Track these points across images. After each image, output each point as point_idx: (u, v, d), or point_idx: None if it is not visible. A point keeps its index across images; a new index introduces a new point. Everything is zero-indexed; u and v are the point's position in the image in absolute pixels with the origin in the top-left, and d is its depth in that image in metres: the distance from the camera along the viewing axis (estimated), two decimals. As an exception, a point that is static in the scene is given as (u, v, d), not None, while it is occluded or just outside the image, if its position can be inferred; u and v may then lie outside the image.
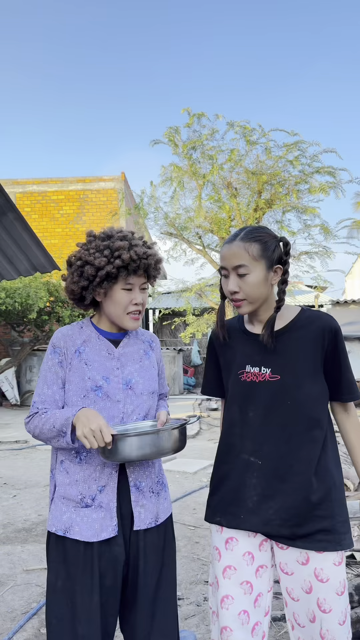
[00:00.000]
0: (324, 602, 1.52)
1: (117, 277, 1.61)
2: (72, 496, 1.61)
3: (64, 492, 1.62)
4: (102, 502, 1.60)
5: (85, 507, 1.60)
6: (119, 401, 1.64)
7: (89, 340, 1.69)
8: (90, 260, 1.61)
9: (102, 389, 1.63)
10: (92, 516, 1.58)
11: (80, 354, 1.65)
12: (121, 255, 1.59)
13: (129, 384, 1.67)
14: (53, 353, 1.68)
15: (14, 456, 6.96)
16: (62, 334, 1.69)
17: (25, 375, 12.16)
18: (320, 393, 1.57)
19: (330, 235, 10.06)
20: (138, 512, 1.64)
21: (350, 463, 5.41)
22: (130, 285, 1.63)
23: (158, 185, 10.45)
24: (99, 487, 1.60)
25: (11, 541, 3.88)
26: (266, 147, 9.80)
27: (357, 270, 23.98)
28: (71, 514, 1.60)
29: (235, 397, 1.64)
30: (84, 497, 1.60)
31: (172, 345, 16.71)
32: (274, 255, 1.57)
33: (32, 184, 14.82)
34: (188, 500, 4.86)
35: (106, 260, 1.60)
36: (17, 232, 4.08)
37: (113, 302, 1.64)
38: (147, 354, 1.77)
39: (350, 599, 2.52)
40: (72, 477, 1.62)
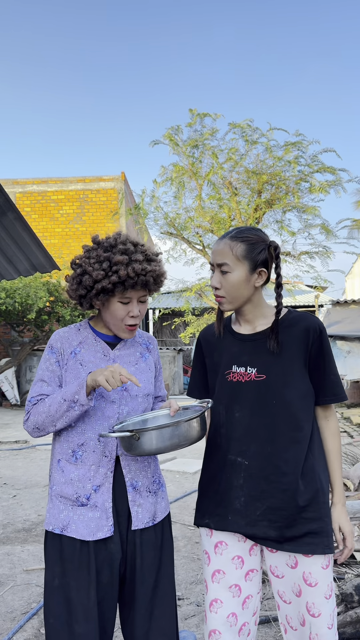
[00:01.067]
0: (313, 606, 1.52)
1: (114, 291, 1.60)
2: (67, 495, 1.61)
3: (60, 491, 1.63)
4: (97, 502, 1.60)
5: (81, 506, 1.60)
6: (114, 402, 1.65)
7: (85, 341, 1.69)
8: (89, 271, 1.60)
9: (97, 390, 1.62)
10: (88, 515, 1.59)
11: (75, 355, 1.66)
12: (118, 271, 1.56)
13: (123, 386, 1.67)
14: (50, 353, 1.69)
15: (14, 456, 6.96)
16: (59, 336, 1.70)
17: (25, 375, 12.16)
18: (306, 393, 1.57)
19: (331, 235, 10.06)
20: (135, 511, 1.64)
21: (350, 463, 5.41)
22: (127, 299, 1.62)
23: (159, 185, 10.45)
24: (93, 486, 1.61)
25: (11, 541, 3.88)
26: (266, 146, 9.80)
27: (357, 270, 23.98)
28: (68, 512, 1.61)
29: (221, 397, 1.63)
30: (79, 496, 1.60)
31: (172, 345, 16.71)
32: (259, 257, 1.56)
33: (32, 184, 14.83)
34: (188, 500, 4.86)
35: (103, 274, 1.57)
36: (17, 232, 4.08)
37: (110, 313, 1.64)
38: (143, 357, 1.78)
39: (350, 599, 2.52)
40: (67, 475, 1.62)
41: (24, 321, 11.50)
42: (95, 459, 1.61)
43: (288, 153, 9.66)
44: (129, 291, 1.61)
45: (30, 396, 1.67)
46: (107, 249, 1.62)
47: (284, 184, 9.72)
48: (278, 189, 9.85)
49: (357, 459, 5.45)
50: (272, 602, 2.83)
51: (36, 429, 1.63)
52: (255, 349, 1.60)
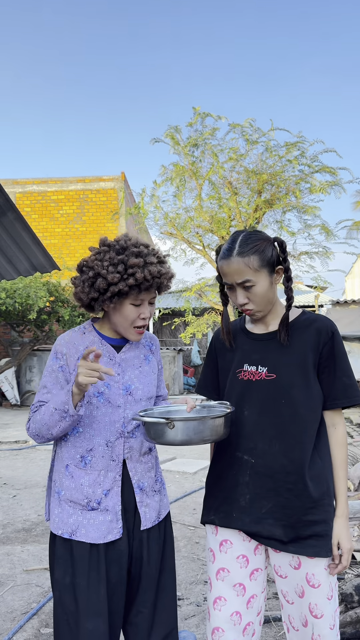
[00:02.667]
0: (316, 607, 1.52)
1: (128, 294, 1.60)
2: (78, 500, 1.62)
3: (69, 496, 1.64)
4: (108, 506, 1.62)
5: (92, 510, 1.62)
6: (120, 406, 1.66)
7: (91, 346, 1.68)
8: (103, 274, 1.58)
9: (104, 395, 1.64)
10: (98, 519, 1.61)
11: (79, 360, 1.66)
12: (135, 273, 1.56)
13: (128, 390, 1.69)
14: (55, 359, 1.68)
15: (14, 456, 6.96)
16: (65, 341, 1.69)
17: (25, 375, 12.16)
18: (315, 395, 1.57)
19: (331, 235, 10.06)
20: (143, 511, 1.67)
21: (350, 463, 5.41)
22: (139, 301, 1.62)
23: (159, 185, 10.45)
24: (104, 491, 1.62)
25: (11, 541, 3.88)
26: (267, 146, 9.80)
27: (357, 270, 23.98)
28: (78, 517, 1.62)
29: (231, 395, 1.65)
30: (90, 501, 1.62)
31: (172, 345, 16.72)
32: (273, 258, 1.57)
33: (32, 184, 14.83)
34: (188, 500, 4.86)
35: (119, 276, 1.57)
36: (17, 232, 4.08)
37: (121, 315, 1.64)
38: (147, 359, 1.79)
39: (350, 599, 2.53)
40: (77, 481, 1.63)
41: (24, 321, 11.50)
42: (104, 463, 1.63)
43: (289, 153, 9.66)
44: (143, 293, 1.61)
45: (32, 403, 1.69)
46: (120, 252, 1.61)
47: (284, 184, 9.72)
48: (278, 189, 9.85)
49: (357, 459, 5.45)
50: (271, 602, 2.83)
51: (36, 436, 1.64)
52: (267, 348, 1.61)
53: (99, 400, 1.64)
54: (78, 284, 1.65)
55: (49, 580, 3.19)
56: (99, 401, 1.64)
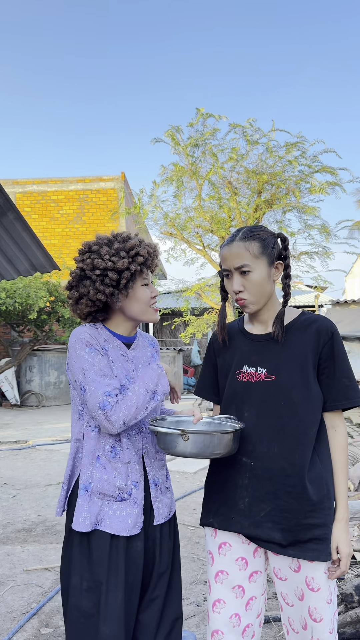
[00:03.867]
0: (315, 611, 1.51)
1: (139, 274, 1.68)
2: (109, 491, 1.62)
3: (101, 488, 1.62)
4: (137, 498, 1.64)
5: (121, 501, 1.62)
6: None
7: (109, 340, 1.71)
8: (110, 266, 1.62)
9: (125, 388, 1.65)
10: (126, 510, 1.61)
11: (106, 351, 1.68)
12: (139, 252, 1.65)
13: None
14: (91, 349, 1.62)
15: (14, 456, 6.96)
16: (88, 333, 1.65)
17: (25, 375, 12.16)
18: (315, 396, 1.55)
19: (330, 236, 10.07)
20: (157, 507, 1.70)
21: (350, 463, 5.40)
22: (147, 280, 1.70)
23: (158, 186, 10.45)
24: (133, 482, 1.64)
25: (11, 541, 3.88)
26: (267, 147, 9.80)
27: (357, 270, 23.98)
28: (104, 507, 1.62)
29: (231, 397, 1.64)
30: (122, 492, 1.62)
31: (172, 345, 16.71)
32: (274, 251, 1.57)
33: (32, 184, 14.82)
34: (188, 500, 4.86)
35: (127, 262, 1.63)
36: (17, 232, 4.08)
37: (136, 299, 1.69)
38: (153, 357, 1.85)
39: (350, 599, 2.52)
40: (109, 472, 1.62)
41: (24, 321, 11.50)
42: (130, 455, 1.64)
43: (289, 153, 9.66)
44: (147, 271, 1.71)
45: (104, 391, 1.55)
46: (111, 243, 1.69)
47: (284, 184, 9.72)
48: (278, 189, 9.85)
49: (357, 459, 5.44)
50: (271, 602, 2.83)
51: (123, 424, 1.55)
52: (266, 349, 1.59)
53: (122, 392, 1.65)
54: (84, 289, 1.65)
55: (49, 580, 3.19)
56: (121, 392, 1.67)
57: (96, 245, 1.68)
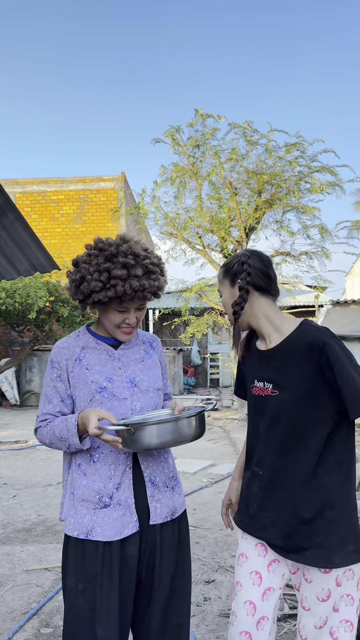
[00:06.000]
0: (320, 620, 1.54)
1: (109, 304, 1.62)
2: (90, 497, 1.62)
3: (82, 494, 1.63)
4: (121, 500, 1.61)
5: (105, 507, 1.61)
6: (126, 399, 1.66)
7: (87, 346, 1.70)
8: (87, 279, 1.60)
9: (107, 389, 1.64)
10: (112, 515, 1.60)
11: (80, 360, 1.67)
12: (116, 285, 1.56)
13: (133, 382, 1.69)
14: (52, 368, 1.71)
15: (14, 456, 6.96)
16: (58, 348, 1.71)
17: (25, 375, 12.16)
18: (319, 408, 1.55)
19: (329, 236, 10.07)
20: (154, 506, 1.66)
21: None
22: (124, 309, 1.64)
23: (159, 185, 10.45)
24: (115, 485, 1.62)
25: (11, 541, 3.88)
26: (266, 147, 9.80)
27: (357, 270, 23.98)
28: (91, 516, 1.61)
29: (251, 409, 1.73)
30: (102, 496, 1.61)
31: (172, 345, 16.72)
32: (234, 271, 1.67)
33: (32, 184, 14.82)
34: (188, 500, 4.86)
35: (101, 285, 1.58)
36: (17, 232, 4.08)
37: (106, 318, 1.67)
38: (148, 354, 1.79)
39: (350, 599, 2.52)
40: (89, 478, 1.63)
41: (24, 321, 11.49)
42: (113, 457, 1.63)
43: (289, 153, 9.66)
44: (127, 302, 1.62)
45: (38, 416, 1.71)
46: (108, 259, 1.60)
47: (284, 184, 9.72)
48: (278, 189, 9.85)
49: (357, 459, 5.45)
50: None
51: (50, 445, 1.69)
52: (270, 364, 1.64)
53: (102, 395, 1.64)
54: (69, 282, 1.68)
55: (49, 580, 3.19)
56: (102, 396, 1.64)
57: (99, 250, 1.64)
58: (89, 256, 1.64)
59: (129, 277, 1.57)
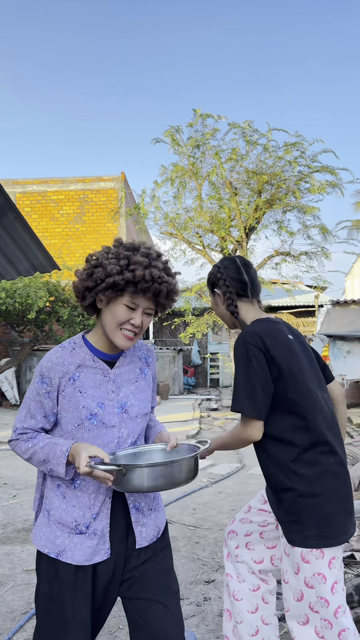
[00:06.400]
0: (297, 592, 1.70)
1: (124, 291, 1.53)
2: (66, 522, 1.58)
3: (59, 517, 1.59)
4: (97, 529, 1.58)
5: (79, 534, 1.57)
6: (114, 426, 1.61)
7: (83, 364, 1.60)
8: (104, 264, 1.53)
9: (97, 416, 1.58)
10: (85, 543, 1.56)
11: (74, 381, 1.58)
12: (135, 270, 1.50)
13: (124, 407, 1.63)
14: (41, 382, 1.58)
15: (14, 456, 6.95)
16: (52, 363, 1.58)
17: (25, 375, 12.16)
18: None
19: (329, 236, 10.08)
20: (139, 531, 1.62)
21: (350, 463, 5.40)
22: (134, 305, 1.55)
23: (159, 185, 10.45)
24: (92, 514, 1.58)
25: (11, 541, 3.88)
26: (265, 147, 9.81)
27: (357, 270, 23.97)
28: (64, 539, 1.57)
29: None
30: (78, 524, 1.57)
31: (172, 345, 16.71)
32: (211, 281, 1.96)
33: (32, 184, 14.82)
34: (188, 500, 4.86)
35: (119, 269, 1.51)
36: (17, 232, 4.08)
37: (111, 313, 1.56)
38: (143, 373, 1.72)
39: (350, 599, 2.52)
40: (68, 502, 1.58)
41: (24, 321, 11.49)
42: (94, 486, 1.58)
43: (288, 153, 9.67)
44: (139, 297, 1.54)
45: (15, 426, 1.62)
46: (129, 249, 1.57)
47: (284, 184, 9.72)
48: (278, 189, 9.86)
49: (357, 459, 5.44)
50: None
51: (22, 458, 1.64)
52: None
53: (91, 422, 1.57)
54: (78, 274, 1.61)
55: (49, 580, 3.19)
56: (91, 423, 1.57)
57: (120, 244, 1.61)
58: (107, 249, 1.60)
59: (150, 266, 1.53)
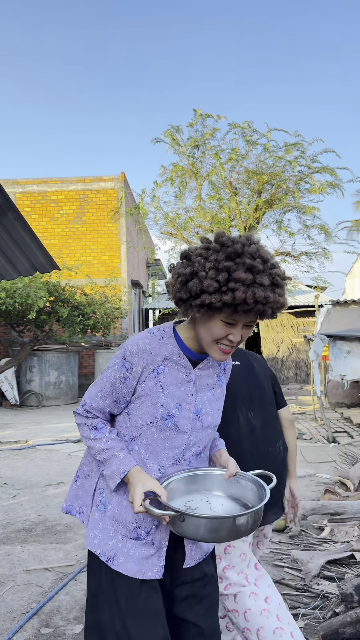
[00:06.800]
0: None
1: (221, 310, 1.35)
2: (125, 522, 1.45)
3: (117, 514, 1.46)
4: (155, 539, 1.45)
5: (136, 540, 1.45)
6: (186, 432, 1.49)
7: (170, 358, 1.47)
8: (200, 276, 1.33)
9: (173, 418, 1.46)
10: (140, 550, 1.44)
11: (157, 374, 1.46)
12: (236, 290, 1.29)
13: (198, 414, 1.51)
14: (121, 365, 1.45)
15: (14, 456, 6.96)
16: (138, 349, 1.44)
17: (25, 375, 12.16)
18: None
19: (330, 237, 10.08)
20: (190, 549, 1.52)
21: (350, 463, 5.40)
22: (233, 321, 1.37)
23: (159, 186, 10.46)
24: (155, 520, 1.44)
25: (11, 541, 3.88)
26: (265, 147, 9.81)
27: (357, 270, 23.98)
28: (117, 542, 1.45)
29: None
30: (139, 527, 1.44)
31: (172, 345, 16.69)
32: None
33: (32, 184, 14.82)
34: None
35: (217, 286, 1.31)
36: (17, 232, 4.07)
37: (207, 328, 1.40)
38: (220, 380, 1.60)
39: (350, 599, 2.52)
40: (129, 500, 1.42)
41: (24, 321, 11.49)
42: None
43: (289, 153, 9.67)
44: (239, 315, 1.36)
45: (84, 400, 1.53)
46: (231, 257, 1.33)
47: (284, 184, 9.72)
48: (278, 189, 9.86)
49: (357, 459, 5.45)
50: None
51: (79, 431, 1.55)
52: None
53: (165, 423, 1.46)
54: (174, 275, 1.42)
55: (49, 580, 3.19)
56: (165, 424, 1.46)
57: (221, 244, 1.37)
58: (206, 249, 1.37)
59: (254, 284, 1.30)
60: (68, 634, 2.57)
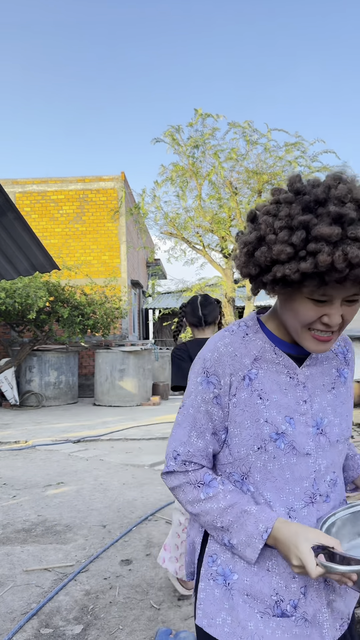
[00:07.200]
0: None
1: (302, 283, 0.97)
2: (261, 595, 1.07)
3: (249, 587, 1.08)
4: (307, 613, 1.06)
5: (281, 617, 1.06)
6: (309, 454, 1.09)
7: (262, 357, 1.11)
8: (269, 241, 0.97)
9: (286, 437, 1.08)
10: (292, 631, 1.05)
11: (250, 381, 1.10)
12: (317, 253, 0.91)
13: (319, 427, 1.11)
14: (206, 382, 1.10)
15: (14, 456, 6.95)
16: (221, 354, 1.10)
17: (25, 375, 12.17)
18: None
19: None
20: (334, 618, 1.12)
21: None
22: (324, 297, 0.98)
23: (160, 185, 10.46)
24: (300, 587, 1.07)
25: (11, 542, 3.88)
26: (266, 147, 9.82)
27: (357, 270, 23.98)
28: (257, 623, 1.06)
29: None
30: (282, 600, 1.06)
31: (172, 346, 16.71)
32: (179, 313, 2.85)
33: (31, 183, 14.82)
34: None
35: (290, 252, 0.94)
36: (16, 232, 4.08)
37: (291, 310, 1.04)
38: (341, 376, 1.19)
39: (351, 600, 2.52)
40: (261, 564, 1.08)
41: (23, 321, 11.50)
42: None
43: (289, 153, 9.68)
44: (332, 286, 0.96)
45: (176, 451, 1.14)
46: (309, 207, 0.94)
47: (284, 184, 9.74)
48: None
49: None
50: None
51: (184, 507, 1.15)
52: None
53: (277, 445, 1.07)
54: (238, 245, 1.07)
55: (48, 581, 3.18)
56: (278, 447, 1.07)
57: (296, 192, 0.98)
58: (276, 203, 1.00)
59: (344, 240, 0.91)
60: (68, 634, 2.57)
